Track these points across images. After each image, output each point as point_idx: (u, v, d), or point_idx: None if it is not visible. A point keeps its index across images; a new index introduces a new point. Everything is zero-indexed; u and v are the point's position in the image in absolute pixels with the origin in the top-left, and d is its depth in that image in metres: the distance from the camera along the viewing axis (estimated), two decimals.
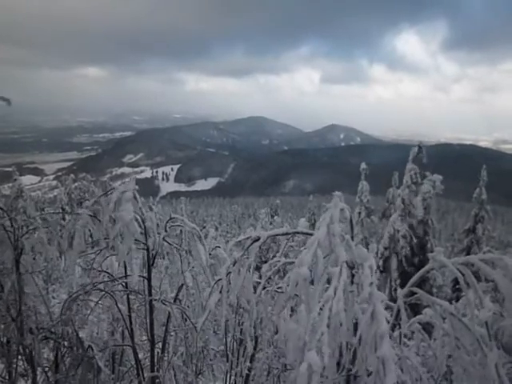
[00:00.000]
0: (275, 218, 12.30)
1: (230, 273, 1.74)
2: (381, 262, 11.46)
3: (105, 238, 2.27)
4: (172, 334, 2.84)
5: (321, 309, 1.47)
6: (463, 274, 2.05)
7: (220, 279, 1.79)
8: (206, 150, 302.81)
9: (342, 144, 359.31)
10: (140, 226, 2.42)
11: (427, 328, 2.40)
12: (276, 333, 2.15)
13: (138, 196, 2.05)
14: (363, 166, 15.43)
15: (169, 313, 2.52)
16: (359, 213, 15.55)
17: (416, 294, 2.19)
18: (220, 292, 1.73)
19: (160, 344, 2.50)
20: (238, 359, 2.66)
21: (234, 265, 1.74)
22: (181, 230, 2.62)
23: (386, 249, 11.37)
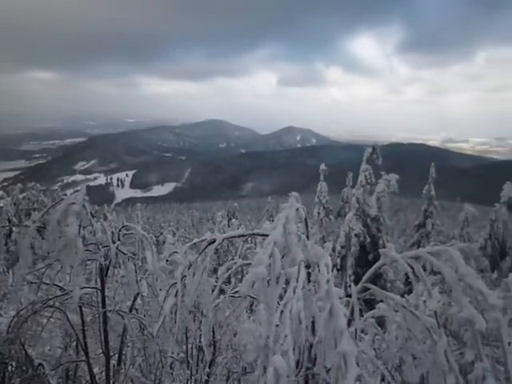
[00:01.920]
0: (233, 220, 12.30)
1: (185, 276, 1.71)
2: (338, 261, 11.74)
3: (54, 251, 2.17)
4: (129, 344, 2.76)
5: (281, 310, 1.48)
6: (413, 268, 2.14)
7: (175, 283, 1.75)
8: (162, 154, 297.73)
9: (299, 146, 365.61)
10: (92, 236, 2.34)
11: (382, 322, 2.49)
12: (235, 336, 2.14)
13: (87, 206, 1.97)
14: (322, 166, 15.73)
15: (124, 323, 2.45)
16: (318, 213, 15.83)
17: (370, 289, 2.25)
18: (175, 296, 1.69)
19: (117, 356, 2.42)
20: (197, 365, 2.62)
21: (189, 268, 1.72)
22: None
23: (342, 247, 11.66)
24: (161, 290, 2.29)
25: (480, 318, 1.76)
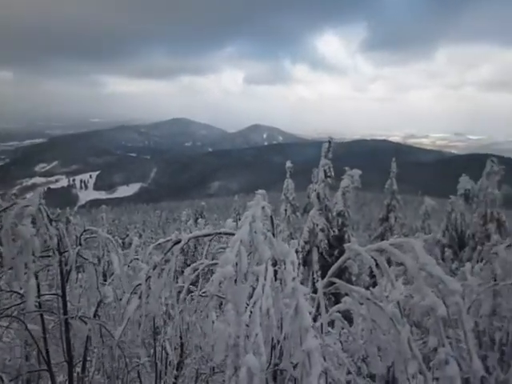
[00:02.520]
0: (199, 220, 12.20)
1: (149, 277, 1.68)
2: (302, 257, 11.91)
3: (13, 258, 2.07)
4: (95, 350, 2.69)
5: (251, 309, 1.48)
6: (376, 261, 2.20)
7: (139, 284, 1.72)
8: (127, 154, 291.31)
9: (265, 143, 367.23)
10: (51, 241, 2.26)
11: (350, 315, 2.54)
12: (204, 336, 2.13)
13: (44, 208, 1.90)
14: (288, 164, 15.86)
15: (88, 329, 2.38)
16: (285, 210, 15.96)
17: (335, 283, 2.30)
18: (139, 298, 1.66)
19: (81, 363, 2.35)
20: (166, 368, 2.58)
21: (153, 269, 1.69)
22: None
23: (306, 243, 11.82)
24: (125, 293, 2.24)
25: (441, 305, 1.83)
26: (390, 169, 18.67)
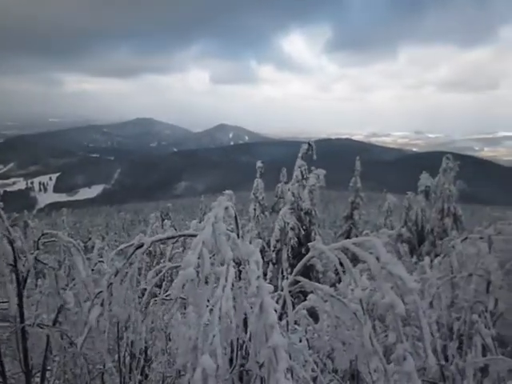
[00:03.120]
0: (165, 221, 12.04)
1: (111, 284, 1.64)
2: (273, 255, 12.01)
3: None
4: (55, 359, 2.60)
5: (211, 309, 1.47)
6: (340, 258, 2.24)
7: (101, 291, 1.67)
8: (89, 155, 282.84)
9: (231, 143, 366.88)
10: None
11: (317, 312, 2.58)
12: (169, 340, 2.10)
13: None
14: (259, 164, 15.93)
15: (47, 338, 2.29)
16: (254, 209, 16.01)
17: (301, 282, 2.32)
18: (101, 305, 1.61)
19: (40, 373, 2.25)
20: (130, 373, 2.53)
21: (115, 275, 1.64)
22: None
23: (277, 241, 11.93)
24: (85, 301, 2.18)
25: (400, 303, 1.89)
26: (354, 167, 19.09)
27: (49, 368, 2.62)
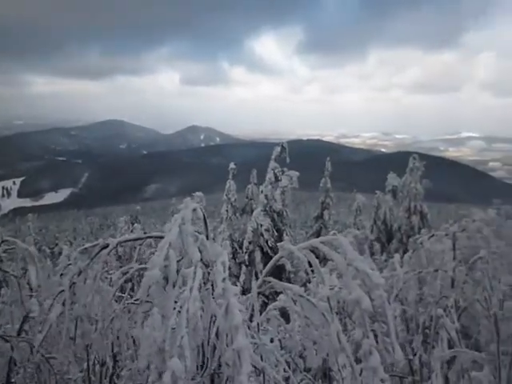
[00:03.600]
0: (135, 225, 11.83)
1: (74, 283, 1.58)
2: (246, 257, 12.01)
3: None
4: (20, 371, 2.49)
5: (179, 311, 1.45)
6: (308, 258, 2.26)
7: (62, 291, 1.61)
8: (55, 158, 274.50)
9: (203, 145, 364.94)
10: None
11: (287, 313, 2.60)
12: (136, 344, 2.05)
13: None
14: (232, 165, 15.93)
15: (12, 348, 2.20)
16: (227, 211, 15.98)
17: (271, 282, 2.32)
18: (63, 305, 1.56)
19: None
20: (100, 382, 2.46)
21: (78, 275, 1.59)
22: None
23: (250, 243, 11.95)
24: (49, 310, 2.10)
25: (366, 299, 1.92)
26: (325, 168, 19.35)
27: (13, 380, 2.52)
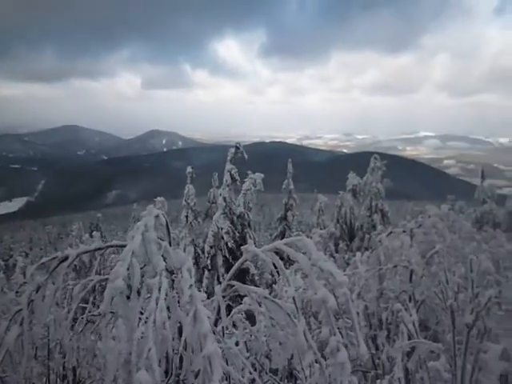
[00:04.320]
0: (94, 233, 11.47)
1: (32, 301, 1.53)
2: (208, 261, 11.93)
3: None
4: None
5: (145, 321, 1.43)
6: (273, 260, 2.29)
7: (20, 310, 1.55)
8: (8, 166, 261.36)
9: (165, 149, 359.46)
10: None
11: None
12: (101, 358, 2.00)
13: None
14: (189, 169, 15.72)
15: None
16: (186, 216, 15.80)
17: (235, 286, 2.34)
18: (21, 325, 1.50)
19: None
20: None
21: (37, 291, 1.54)
22: None
23: (211, 247, 11.87)
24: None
25: (331, 297, 1.98)
26: (286, 169, 19.56)
27: None
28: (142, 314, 1.47)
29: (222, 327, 1.94)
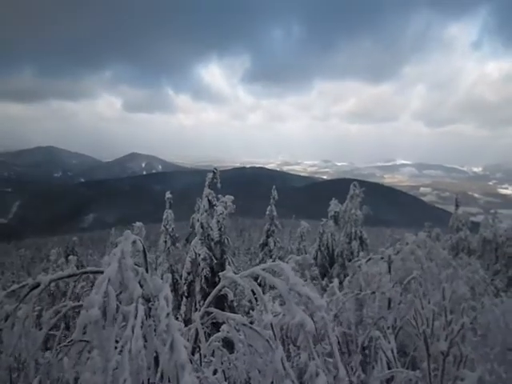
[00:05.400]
0: (70, 257, 11.14)
1: (1, 330, 1.48)
2: (185, 288, 11.71)
3: None
4: None
5: (120, 351, 1.39)
6: (251, 286, 2.29)
7: None
8: None
9: (144, 172, 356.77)
10: None
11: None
12: None
13: None
14: (168, 195, 15.63)
15: None
16: (165, 241, 15.58)
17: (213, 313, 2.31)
18: None
19: None
20: None
21: (5, 320, 1.49)
22: None
23: (188, 274, 11.68)
24: None
25: (309, 321, 1.98)
26: (269, 195, 19.58)
27: None
28: (117, 342, 1.43)
29: (200, 356, 1.91)
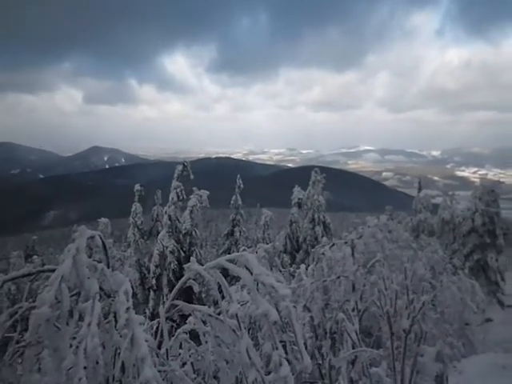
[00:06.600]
0: (34, 257, 10.73)
1: None
2: (154, 281, 11.56)
3: None
4: None
5: (75, 350, 1.34)
6: (216, 277, 2.26)
7: None
8: None
9: (107, 166, 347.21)
10: None
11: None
12: None
13: None
14: (137, 187, 15.36)
15: None
16: (134, 234, 15.31)
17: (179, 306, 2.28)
18: None
19: None
20: None
21: None
22: None
23: (156, 267, 11.53)
24: None
25: (273, 311, 1.98)
26: (235, 185, 19.50)
27: None
28: (74, 339, 1.38)
29: (166, 349, 1.88)
